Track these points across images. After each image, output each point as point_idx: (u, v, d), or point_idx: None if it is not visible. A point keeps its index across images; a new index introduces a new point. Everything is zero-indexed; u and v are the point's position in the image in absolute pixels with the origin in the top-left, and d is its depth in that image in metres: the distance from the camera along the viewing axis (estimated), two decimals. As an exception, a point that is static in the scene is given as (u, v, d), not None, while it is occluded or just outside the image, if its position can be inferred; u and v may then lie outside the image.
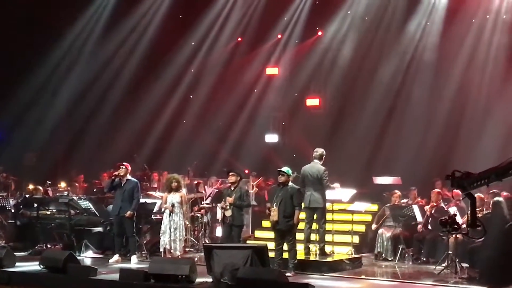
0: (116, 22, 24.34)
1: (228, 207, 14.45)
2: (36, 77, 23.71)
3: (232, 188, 14.68)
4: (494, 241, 13.10)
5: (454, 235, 13.66)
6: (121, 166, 15.83)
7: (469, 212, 7.34)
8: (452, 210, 15.02)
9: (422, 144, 22.00)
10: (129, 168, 16.14)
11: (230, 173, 14.78)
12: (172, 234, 15.12)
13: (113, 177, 15.98)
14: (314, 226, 15.19)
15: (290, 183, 14.03)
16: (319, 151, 15.34)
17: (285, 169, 13.98)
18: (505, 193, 15.21)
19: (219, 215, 15.97)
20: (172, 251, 15.12)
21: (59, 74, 24.35)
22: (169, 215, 15.24)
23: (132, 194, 15.63)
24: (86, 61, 24.62)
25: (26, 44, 22.38)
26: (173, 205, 15.18)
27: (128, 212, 15.45)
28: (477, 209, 7.65)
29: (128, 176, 15.91)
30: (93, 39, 24.60)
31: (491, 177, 6.73)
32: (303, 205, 14.56)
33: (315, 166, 15.09)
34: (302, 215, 14.72)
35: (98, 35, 24.59)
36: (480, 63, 21.91)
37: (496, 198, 13.89)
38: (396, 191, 17.14)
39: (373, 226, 16.94)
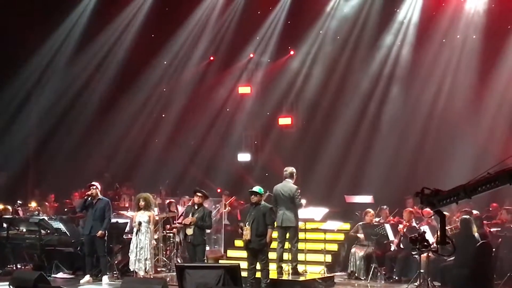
0: (88, 40, 24.21)
1: (191, 225, 14.42)
2: (7, 95, 23.50)
3: (196, 207, 14.62)
4: (465, 259, 13.20)
5: (426, 254, 13.71)
6: (91, 187, 15.77)
7: (438, 229, 7.36)
8: (424, 228, 15.06)
9: (394, 162, 22.11)
10: (100, 187, 16.08)
11: (197, 193, 14.73)
12: (138, 253, 15.01)
13: (85, 197, 15.90)
14: (287, 245, 15.17)
15: (263, 202, 14.03)
16: (289, 169, 15.36)
17: (256, 188, 14.01)
18: (475, 212, 15.33)
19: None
20: (137, 270, 15.00)
21: (30, 92, 24.14)
22: (136, 234, 15.15)
23: (104, 213, 15.60)
24: (57, 79, 24.43)
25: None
26: (139, 224, 15.08)
27: (100, 232, 15.37)
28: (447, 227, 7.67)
29: (100, 196, 15.86)
30: (65, 57, 24.41)
31: (460, 194, 6.74)
32: (275, 224, 14.54)
33: (287, 185, 15.10)
34: (275, 234, 14.71)
35: (69, 53, 24.40)
36: (451, 83, 22.10)
37: (463, 216, 14.00)
38: (370, 210, 17.18)
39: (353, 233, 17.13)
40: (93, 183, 15.98)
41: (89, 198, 15.75)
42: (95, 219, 15.56)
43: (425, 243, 7.60)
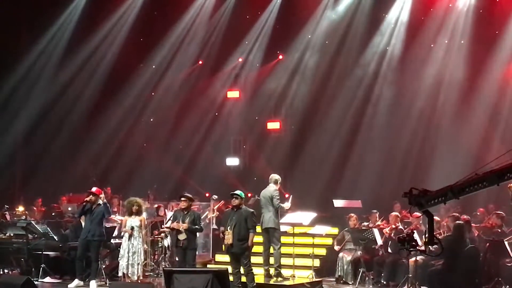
0: (76, 45, 24.16)
1: (182, 231, 14.38)
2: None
3: (185, 212, 14.59)
4: (453, 263, 13.21)
5: (414, 259, 13.70)
6: (91, 193, 15.67)
7: (426, 229, 7.36)
8: (412, 233, 15.03)
9: (383, 167, 22.15)
10: (100, 194, 16.00)
11: (182, 198, 14.73)
12: (131, 258, 14.93)
13: (84, 203, 15.77)
14: (272, 249, 15.17)
15: (244, 206, 14.03)
16: (275, 176, 15.55)
17: (238, 192, 14.05)
18: (464, 216, 15.33)
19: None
20: (129, 275, 14.93)
21: (17, 98, 24.01)
22: (128, 239, 15.06)
23: (102, 218, 15.51)
24: (45, 84, 24.34)
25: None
26: (132, 229, 15.01)
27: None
28: (435, 233, 7.66)
29: (100, 201, 15.76)
30: (52, 62, 24.34)
31: (448, 194, 6.75)
32: (258, 228, 14.53)
33: (268, 189, 15.34)
34: (259, 239, 14.69)
35: (57, 58, 24.34)
36: (440, 88, 22.17)
37: (458, 222, 14.02)
38: (352, 214, 17.10)
39: (336, 248, 16.91)
40: (92, 189, 15.89)
41: (88, 204, 15.64)
42: (93, 223, 15.46)
43: (413, 243, 7.59)
